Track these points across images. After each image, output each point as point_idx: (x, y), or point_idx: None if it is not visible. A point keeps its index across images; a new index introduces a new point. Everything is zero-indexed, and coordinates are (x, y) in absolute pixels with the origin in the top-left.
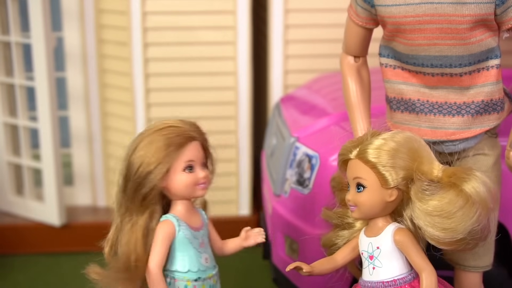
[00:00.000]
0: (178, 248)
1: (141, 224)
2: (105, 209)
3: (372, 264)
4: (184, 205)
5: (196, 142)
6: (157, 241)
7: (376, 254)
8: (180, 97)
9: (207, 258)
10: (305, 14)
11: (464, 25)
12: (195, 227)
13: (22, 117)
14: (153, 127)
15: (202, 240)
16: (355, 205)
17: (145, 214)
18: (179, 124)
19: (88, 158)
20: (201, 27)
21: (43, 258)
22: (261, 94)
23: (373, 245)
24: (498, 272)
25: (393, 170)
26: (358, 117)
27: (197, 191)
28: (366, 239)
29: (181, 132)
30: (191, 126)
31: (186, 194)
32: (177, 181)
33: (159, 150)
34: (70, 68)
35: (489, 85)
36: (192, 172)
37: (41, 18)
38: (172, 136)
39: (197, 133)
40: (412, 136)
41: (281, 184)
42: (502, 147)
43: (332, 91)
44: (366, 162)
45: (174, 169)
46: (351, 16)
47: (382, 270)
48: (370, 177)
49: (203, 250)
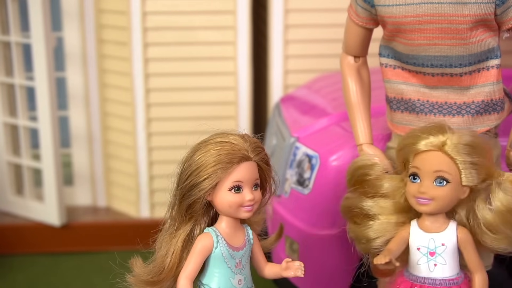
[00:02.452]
0: (212, 263)
1: (183, 232)
2: (105, 209)
3: (433, 260)
4: (229, 222)
5: (250, 162)
6: (193, 253)
7: (439, 250)
8: (180, 97)
9: (240, 280)
10: (305, 14)
11: (464, 25)
12: (235, 246)
13: (22, 117)
14: (214, 137)
15: (240, 261)
16: (432, 198)
17: (189, 223)
18: (237, 141)
19: (88, 158)
20: (201, 27)
21: (43, 258)
22: (261, 94)
23: (435, 241)
24: (498, 272)
25: (475, 170)
26: (358, 117)
27: (241, 213)
28: (426, 234)
29: (235, 151)
30: (250, 144)
31: (229, 213)
32: (222, 199)
33: (209, 165)
34: (70, 68)
35: (489, 85)
36: (239, 192)
37: (41, 18)
38: (224, 153)
39: (254, 154)
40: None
41: (281, 184)
42: (502, 147)
43: (332, 91)
44: (453, 158)
45: (220, 187)
46: (351, 16)
47: (446, 267)
48: (455, 172)
49: (238, 271)
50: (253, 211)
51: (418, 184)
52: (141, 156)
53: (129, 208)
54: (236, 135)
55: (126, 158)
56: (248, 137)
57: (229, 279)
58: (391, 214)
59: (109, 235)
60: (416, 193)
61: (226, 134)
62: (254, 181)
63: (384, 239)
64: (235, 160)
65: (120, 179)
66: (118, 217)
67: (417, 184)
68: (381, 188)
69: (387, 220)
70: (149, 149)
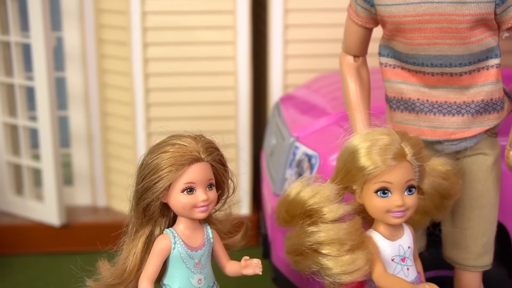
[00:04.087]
0: (171, 264)
1: (143, 235)
2: (105, 209)
3: (405, 265)
4: (187, 222)
5: (202, 163)
6: (152, 254)
7: (408, 254)
8: (180, 97)
9: (200, 279)
10: (305, 14)
11: (464, 25)
12: (193, 246)
13: (21, 117)
14: (168, 139)
15: (199, 261)
16: (407, 208)
17: (148, 225)
18: (188, 142)
19: (87, 158)
20: (201, 27)
21: (43, 258)
22: (260, 94)
23: (403, 246)
24: (498, 272)
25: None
26: (358, 117)
27: (195, 213)
28: (394, 243)
29: (186, 153)
30: (202, 145)
31: (184, 214)
32: (175, 201)
33: (160, 168)
34: (69, 68)
35: (489, 85)
36: (192, 194)
37: (41, 18)
38: (176, 155)
39: (206, 154)
40: None
41: (280, 183)
42: (502, 147)
43: (331, 90)
44: (413, 164)
45: (173, 189)
46: (351, 16)
47: (413, 267)
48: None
49: (197, 271)
50: (208, 211)
51: (390, 198)
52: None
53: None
54: (189, 137)
55: (126, 158)
56: (201, 138)
57: (189, 279)
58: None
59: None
60: (392, 207)
61: (179, 136)
62: (208, 182)
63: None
64: (185, 162)
65: (120, 179)
66: (118, 217)
67: (389, 199)
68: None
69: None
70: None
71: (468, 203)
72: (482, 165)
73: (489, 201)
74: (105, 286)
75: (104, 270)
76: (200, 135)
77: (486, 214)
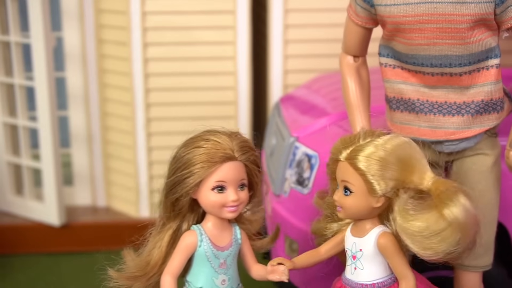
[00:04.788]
0: (195, 262)
1: (170, 229)
2: (105, 209)
3: (354, 264)
4: (215, 221)
5: (235, 162)
6: (177, 249)
7: (358, 255)
8: (180, 97)
9: (224, 280)
10: (305, 14)
11: (463, 25)
12: (219, 246)
13: (21, 117)
14: (202, 134)
15: (224, 261)
16: (341, 206)
17: (176, 220)
18: (223, 140)
19: (87, 158)
20: (201, 27)
21: (43, 258)
22: (260, 94)
23: (356, 245)
24: (498, 272)
25: (382, 180)
26: (358, 117)
27: (224, 213)
28: (352, 238)
29: (219, 150)
30: (237, 143)
31: (213, 212)
32: (205, 198)
33: (194, 162)
34: (69, 68)
35: (489, 85)
36: (222, 192)
37: (41, 18)
38: (209, 151)
39: (240, 153)
40: (406, 143)
41: (280, 184)
42: (502, 147)
43: (331, 91)
44: (355, 169)
45: (203, 186)
46: (350, 16)
47: (363, 272)
48: (358, 183)
49: (222, 271)
50: (238, 211)
51: (336, 190)
52: (141, 156)
53: (128, 208)
54: (224, 134)
55: (126, 158)
56: (236, 136)
57: (212, 278)
58: None
59: (109, 235)
60: (333, 200)
61: (214, 132)
62: (240, 181)
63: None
64: (218, 160)
65: (120, 179)
66: (118, 217)
67: (336, 191)
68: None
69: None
70: (149, 149)
71: None
72: (482, 165)
73: (489, 201)
74: (127, 277)
75: (129, 260)
76: (236, 132)
77: (486, 214)
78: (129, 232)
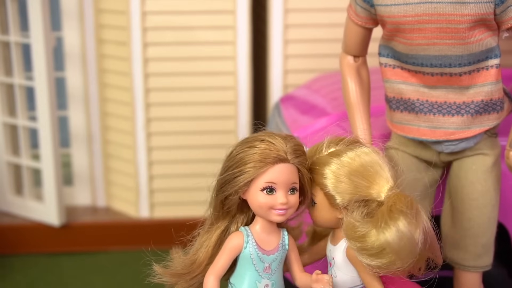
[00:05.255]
0: (240, 264)
1: (218, 228)
2: (105, 209)
3: (330, 271)
4: (264, 223)
5: (287, 165)
6: (223, 250)
7: (332, 263)
8: (180, 97)
9: (268, 285)
10: (305, 14)
11: (463, 25)
12: (266, 249)
13: (21, 117)
14: (258, 135)
15: (269, 265)
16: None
17: (225, 220)
18: (277, 141)
19: (87, 158)
20: (201, 27)
21: (43, 258)
22: (260, 94)
23: (331, 253)
24: (498, 272)
25: (337, 193)
26: (358, 117)
27: (272, 215)
28: (329, 245)
29: (272, 151)
30: (291, 146)
31: (260, 214)
32: (254, 198)
33: (246, 161)
34: (69, 68)
35: (489, 85)
36: (272, 194)
37: (41, 18)
38: (263, 151)
39: (293, 156)
40: (365, 154)
41: None
42: (502, 147)
43: (331, 91)
44: (316, 183)
45: (254, 185)
46: (350, 16)
47: (336, 280)
48: (319, 194)
49: (266, 276)
50: (287, 216)
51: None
52: (141, 156)
53: (128, 208)
54: (279, 136)
55: (126, 158)
56: (291, 139)
57: (255, 282)
58: None
59: (109, 235)
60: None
61: (269, 134)
62: (291, 185)
63: None
64: (270, 160)
65: (120, 179)
66: (118, 217)
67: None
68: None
69: None
70: (149, 149)
71: (468, 203)
72: (482, 165)
73: (489, 201)
74: (172, 274)
75: (176, 257)
76: (291, 135)
77: (486, 214)
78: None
